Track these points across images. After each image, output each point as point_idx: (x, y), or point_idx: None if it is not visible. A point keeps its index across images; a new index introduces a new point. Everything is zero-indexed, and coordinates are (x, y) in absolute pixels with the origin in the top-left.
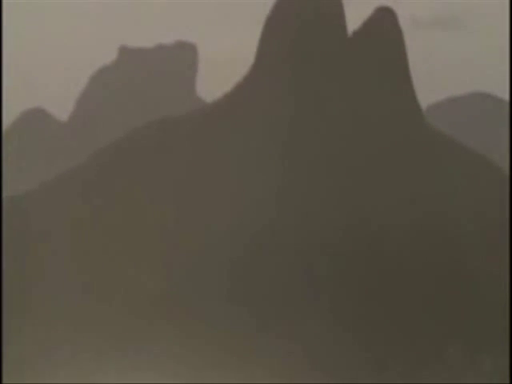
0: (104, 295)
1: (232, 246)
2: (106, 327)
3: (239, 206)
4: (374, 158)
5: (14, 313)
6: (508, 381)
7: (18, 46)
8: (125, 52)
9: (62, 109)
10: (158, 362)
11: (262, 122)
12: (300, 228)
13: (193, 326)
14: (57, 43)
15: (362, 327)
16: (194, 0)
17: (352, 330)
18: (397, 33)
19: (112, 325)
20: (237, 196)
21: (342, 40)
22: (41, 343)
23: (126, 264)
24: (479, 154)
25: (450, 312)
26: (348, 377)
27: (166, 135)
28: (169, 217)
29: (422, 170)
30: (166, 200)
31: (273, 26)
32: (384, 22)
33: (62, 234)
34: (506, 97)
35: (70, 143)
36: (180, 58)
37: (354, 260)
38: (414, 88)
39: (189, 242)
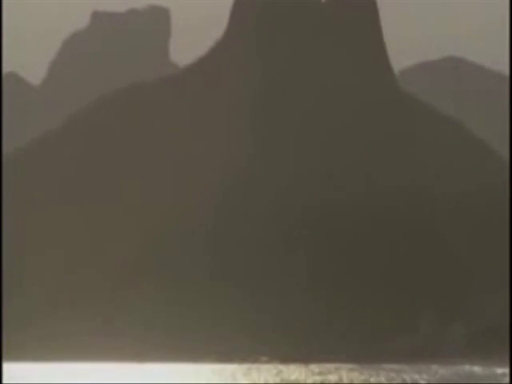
0: (82, 263)
1: (205, 210)
2: (85, 294)
3: (211, 169)
4: (346, 122)
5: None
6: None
7: None
8: (97, 17)
9: (34, 73)
10: (135, 327)
11: (235, 85)
12: (272, 191)
13: (168, 291)
14: (29, 8)
15: (338, 297)
16: None
17: (329, 300)
18: None
19: (90, 292)
20: (209, 159)
21: (316, 5)
22: (27, 308)
23: (103, 232)
24: (452, 118)
25: (423, 281)
26: (324, 342)
27: (140, 99)
28: (143, 183)
29: (395, 133)
30: (141, 163)
31: None
32: None
33: (36, 200)
34: (478, 61)
35: (43, 107)
36: (153, 23)
37: (326, 228)
38: (386, 52)
39: (164, 207)
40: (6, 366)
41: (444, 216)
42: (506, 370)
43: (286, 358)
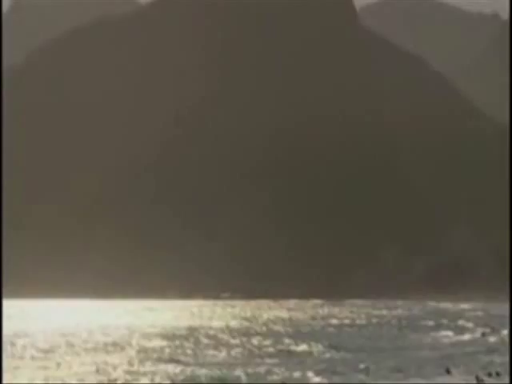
0: (45, 199)
1: (161, 148)
2: (47, 228)
3: (172, 106)
4: (308, 57)
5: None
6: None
7: None
8: None
9: None
10: (100, 265)
11: (199, 22)
12: (232, 122)
13: (131, 231)
14: None
15: (300, 233)
16: None
17: (292, 236)
18: None
19: (53, 226)
20: (169, 97)
21: None
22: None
23: (64, 168)
24: (413, 54)
25: (386, 214)
26: (287, 278)
27: (104, 35)
28: (102, 120)
29: (357, 69)
30: (101, 100)
31: None
32: None
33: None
34: None
35: (6, 42)
36: None
37: (289, 157)
38: None
39: (121, 145)
40: None
41: (406, 151)
42: (472, 306)
43: (247, 295)
